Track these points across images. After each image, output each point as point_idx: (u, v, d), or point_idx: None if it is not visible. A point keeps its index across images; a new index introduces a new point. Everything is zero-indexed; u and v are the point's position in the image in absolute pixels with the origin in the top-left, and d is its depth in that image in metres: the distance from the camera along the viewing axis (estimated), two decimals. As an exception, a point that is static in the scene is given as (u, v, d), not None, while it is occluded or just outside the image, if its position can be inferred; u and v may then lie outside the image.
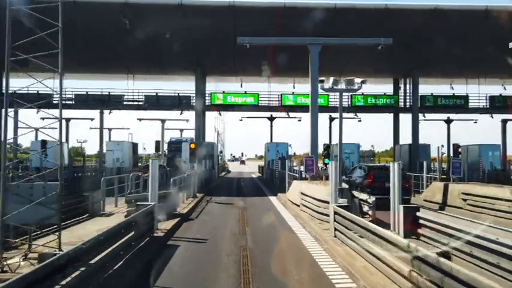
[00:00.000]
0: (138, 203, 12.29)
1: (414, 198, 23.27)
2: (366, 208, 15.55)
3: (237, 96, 40.38)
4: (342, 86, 16.50)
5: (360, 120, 46.36)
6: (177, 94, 41.95)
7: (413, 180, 25.44)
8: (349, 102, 41.03)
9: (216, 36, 32.59)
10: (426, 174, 25.37)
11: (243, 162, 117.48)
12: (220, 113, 43.03)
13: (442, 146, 35.29)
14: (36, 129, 48.34)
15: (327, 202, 14.08)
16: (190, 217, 16.76)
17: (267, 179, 41.04)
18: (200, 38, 32.74)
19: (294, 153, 41.50)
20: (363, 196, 15.76)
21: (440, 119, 47.17)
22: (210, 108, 41.45)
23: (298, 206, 18.39)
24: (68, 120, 52.53)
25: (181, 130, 61.08)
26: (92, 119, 59.63)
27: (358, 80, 16.07)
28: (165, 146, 49.75)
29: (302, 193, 17.87)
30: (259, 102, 40.89)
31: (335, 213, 11.91)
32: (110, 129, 71.90)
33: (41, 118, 59.15)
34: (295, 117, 46.46)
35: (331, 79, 16.20)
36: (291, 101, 40.49)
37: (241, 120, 47.61)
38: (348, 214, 11.08)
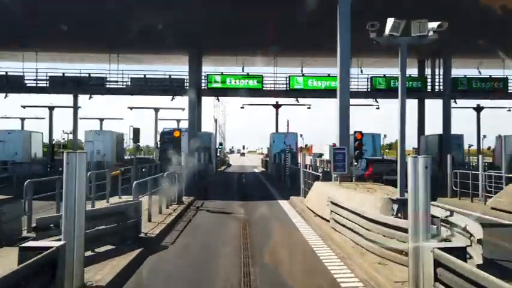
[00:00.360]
0: (26, 245, 6.07)
1: (473, 205, 17.11)
2: (445, 232, 9.23)
3: (237, 79, 34.07)
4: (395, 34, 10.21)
5: (378, 108, 40.15)
6: (168, 76, 35.71)
7: (460, 179, 19.17)
8: (369, 85, 34.73)
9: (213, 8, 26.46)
10: (483, 172, 19.05)
11: (243, 154, 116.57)
12: (218, 99, 36.73)
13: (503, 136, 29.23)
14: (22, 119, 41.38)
15: (401, 230, 7.83)
16: (162, 243, 10.54)
17: (272, 175, 34.85)
18: (194, 8, 26.58)
19: (306, 145, 35.38)
20: (440, 212, 9.47)
21: (469, 107, 40.97)
22: (206, 93, 35.16)
23: (328, 221, 12.20)
24: (51, 108, 46.54)
25: (178, 120, 54.98)
26: (78, 108, 53.94)
27: (432, 24, 9.78)
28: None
29: (334, 203, 11.65)
30: (263, 86, 34.60)
31: (437, 263, 5.69)
32: (101, 120, 65.97)
33: (22, 106, 53.42)
34: (304, 104, 40.28)
35: (391, 22, 9.89)
36: (300, 84, 34.17)
37: (242, 107, 41.39)
38: (480, 274, 4.86)
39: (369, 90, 34.74)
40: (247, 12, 27.12)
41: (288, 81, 34.43)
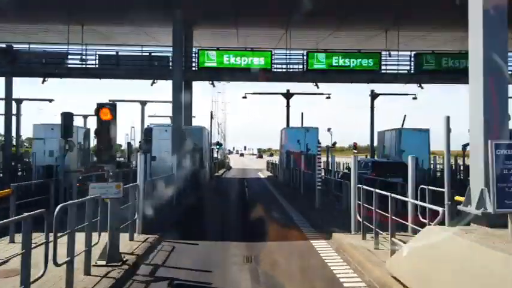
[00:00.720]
0: None
1: None
2: None
3: (238, 56, 25.05)
4: None
5: (415, 98, 31.22)
6: (147, 54, 26.75)
7: None
8: (412, 66, 25.69)
9: None
10: None
11: (241, 155, 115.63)
12: (213, 84, 27.65)
13: None
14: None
15: None
16: None
17: (284, 183, 25.72)
18: None
19: (334, 144, 26.08)
20: None
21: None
22: (197, 75, 26.14)
23: None
24: (19, 101, 37.66)
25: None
26: (50, 100, 45.14)
27: None
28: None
29: None
30: (273, 66, 25.58)
31: None
32: (85, 117, 57.58)
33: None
34: (322, 93, 31.32)
35: None
36: (322, 63, 25.12)
37: (244, 97, 32.37)
38: None
39: (411, 71, 25.69)
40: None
41: (305, 60, 25.38)
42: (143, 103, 45.70)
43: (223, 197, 18.88)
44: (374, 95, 30.86)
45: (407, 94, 31.45)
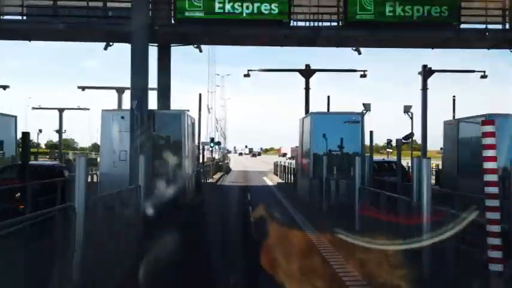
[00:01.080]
0: None
1: None
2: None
3: (236, 0, 15.78)
4: None
5: (484, 76, 22.17)
6: (101, 4, 17.52)
7: None
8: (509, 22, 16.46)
9: None
10: None
11: (240, 154, 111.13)
12: (200, 48, 18.20)
13: None
14: None
15: None
16: None
17: (310, 200, 16.23)
18: None
19: (410, 136, 16.21)
20: None
21: None
22: (174, 32, 16.86)
23: None
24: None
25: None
26: (5, 87, 36.07)
27: None
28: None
29: None
30: (293, 18, 16.36)
31: None
32: (61, 110, 48.68)
33: None
34: (355, 70, 22.26)
35: None
36: (369, 12, 15.83)
37: (247, 75, 23.16)
38: None
39: (506, 27, 16.50)
40: None
41: (342, 9, 16.12)
42: (120, 90, 36.50)
43: (212, 225, 9.61)
44: (428, 72, 21.51)
45: (474, 71, 22.29)
